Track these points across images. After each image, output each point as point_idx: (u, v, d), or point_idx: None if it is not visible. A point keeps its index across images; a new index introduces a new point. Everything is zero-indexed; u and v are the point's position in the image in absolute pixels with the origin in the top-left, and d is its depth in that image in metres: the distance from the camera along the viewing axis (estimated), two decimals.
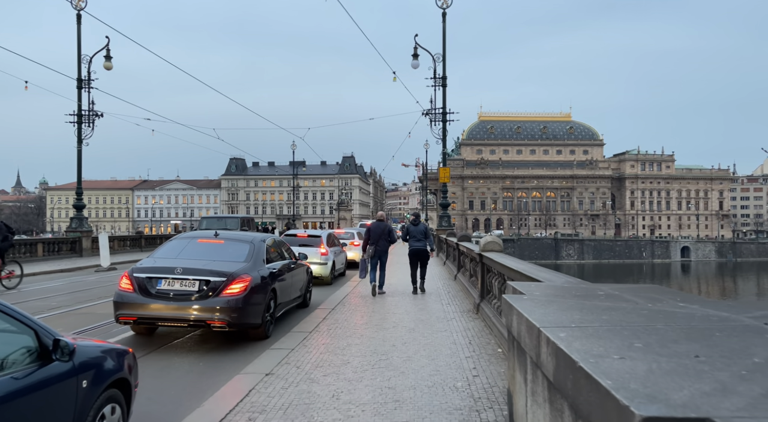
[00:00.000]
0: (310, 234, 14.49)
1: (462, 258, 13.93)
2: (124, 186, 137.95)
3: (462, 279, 13.01)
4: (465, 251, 12.60)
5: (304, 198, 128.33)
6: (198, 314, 6.42)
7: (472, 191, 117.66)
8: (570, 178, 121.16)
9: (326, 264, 13.66)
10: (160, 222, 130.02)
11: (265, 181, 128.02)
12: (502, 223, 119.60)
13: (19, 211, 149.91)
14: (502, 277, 7.17)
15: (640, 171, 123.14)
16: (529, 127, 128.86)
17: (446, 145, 20.82)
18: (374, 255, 11.33)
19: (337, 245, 15.39)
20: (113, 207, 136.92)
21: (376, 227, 11.38)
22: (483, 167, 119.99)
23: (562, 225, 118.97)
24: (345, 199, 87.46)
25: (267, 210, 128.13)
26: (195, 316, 6.42)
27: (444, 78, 19.91)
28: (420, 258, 11.69)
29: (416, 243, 11.63)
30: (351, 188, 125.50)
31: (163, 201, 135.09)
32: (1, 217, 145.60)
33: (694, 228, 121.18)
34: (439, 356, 5.91)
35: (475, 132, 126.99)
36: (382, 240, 11.33)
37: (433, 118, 20.51)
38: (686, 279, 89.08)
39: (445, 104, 20.21)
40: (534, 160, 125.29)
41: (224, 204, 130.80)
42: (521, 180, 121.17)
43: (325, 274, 13.67)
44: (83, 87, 19.49)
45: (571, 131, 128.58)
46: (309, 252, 12.80)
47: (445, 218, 23.15)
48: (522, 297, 3.03)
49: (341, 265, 15.61)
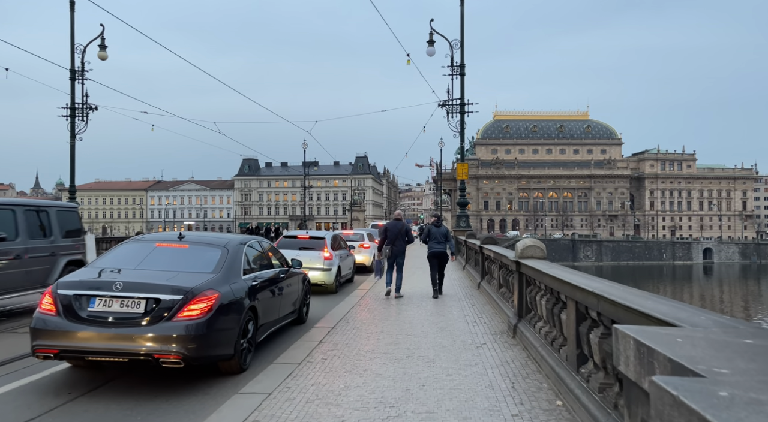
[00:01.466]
0: (312, 236, 13.18)
1: (487, 263, 12.13)
2: (138, 187, 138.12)
3: (488, 289, 11.26)
4: (492, 256, 10.98)
5: (317, 198, 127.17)
6: (143, 345, 4.73)
7: (487, 191, 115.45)
8: (587, 177, 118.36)
9: (330, 270, 12.25)
10: (173, 223, 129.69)
11: (278, 181, 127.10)
12: (518, 224, 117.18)
13: None
14: (554, 295, 5.36)
15: (659, 170, 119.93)
16: (546, 126, 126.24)
17: (464, 138, 19.04)
18: (390, 256, 10.87)
19: (344, 248, 14.07)
20: (127, 207, 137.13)
21: (393, 226, 10.93)
22: (498, 167, 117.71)
23: (580, 226, 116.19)
24: (358, 200, 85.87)
25: (280, 211, 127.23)
26: (138, 349, 4.73)
27: (462, 66, 18.14)
28: (440, 260, 11.20)
29: (437, 246, 11.11)
30: (364, 188, 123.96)
31: (176, 202, 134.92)
32: None
33: (716, 229, 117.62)
34: (472, 412, 4.17)
35: (491, 131, 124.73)
36: (399, 241, 10.88)
37: (450, 109, 18.74)
38: (708, 281, 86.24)
39: (463, 94, 18.45)
40: (550, 159, 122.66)
41: (237, 205, 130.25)
42: (537, 180, 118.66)
43: (329, 282, 12.27)
44: (76, 78, 18.08)
45: (589, 130, 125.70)
46: (311, 256, 11.85)
47: (463, 218, 21.26)
48: (699, 386, 1.31)
49: (348, 270, 14.24)
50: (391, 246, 10.86)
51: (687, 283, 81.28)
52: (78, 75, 18.13)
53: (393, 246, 10.86)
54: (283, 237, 13.55)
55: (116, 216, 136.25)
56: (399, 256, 10.96)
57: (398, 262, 10.98)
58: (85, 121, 18.95)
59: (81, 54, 17.95)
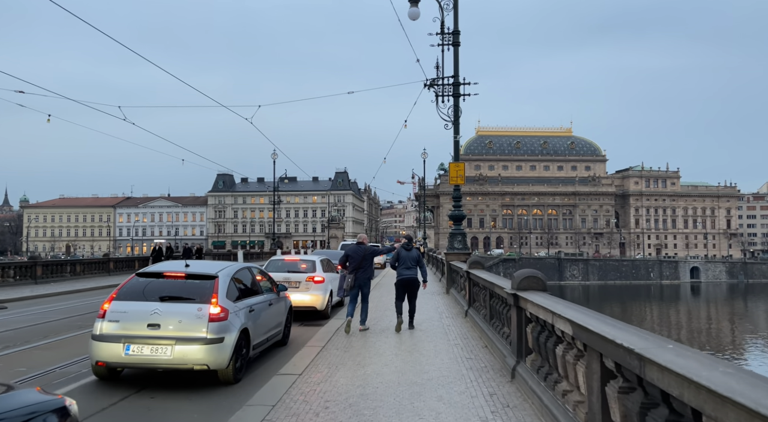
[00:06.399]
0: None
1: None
2: (105, 203, 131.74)
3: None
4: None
5: (294, 215, 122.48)
6: None
7: (471, 208, 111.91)
8: (572, 194, 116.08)
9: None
10: (142, 242, 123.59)
11: (254, 197, 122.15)
12: (502, 242, 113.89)
13: None
14: None
15: (644, 187, 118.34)
16: (529, 142, 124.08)
17: (458, 128, 14.93)
18: (353, 287, 9.69)
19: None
20: (94, 225, 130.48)
21: (354, 251, 9.74)
22: (481, 183, 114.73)
23: (565, 244, 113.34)
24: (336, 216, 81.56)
25: (256, 228, 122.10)
26: None
27: (456, 33, 14.16)
28: (410, 289, 9.91)
29: (406, 272, 9.85)
30: (344, 205, 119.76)
31: (146, 219, 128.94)
32: None
33: (702, 248, 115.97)
34: None
35: (473, 147, 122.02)
36: (363, 268, 9.69)
37: (439, 91, 14.73)
38: (697, 301, 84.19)
39: (457, 70, 14.38)
40: (534, 176, 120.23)
41: (211, 222, 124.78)
42: (521, 197, 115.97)
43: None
44: None
45: (573, 146, 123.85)
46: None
47: (457, 237, 15.80)
48: None
49: None
50: (354, 274, 9.61)
51: (675, 303, 79.48)
52: None
53: (356, 275, 9.61)
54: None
55: (82, 235, 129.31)
56: (364, 286, 9.74)
57: (363, 292, 9.78)
58: None
59: None
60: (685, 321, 61.31)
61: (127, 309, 6.03)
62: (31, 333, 9.79)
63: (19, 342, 8.81)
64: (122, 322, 5.97)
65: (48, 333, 9.57)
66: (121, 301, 6.13)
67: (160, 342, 5.87)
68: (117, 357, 5.86)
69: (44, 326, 10.59)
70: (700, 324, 59.13)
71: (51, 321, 11.31)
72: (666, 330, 53.69)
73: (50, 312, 12.95)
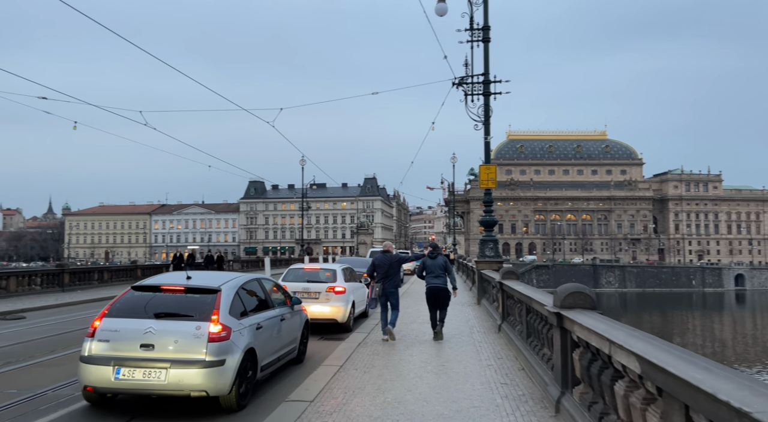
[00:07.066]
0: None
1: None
2: (142, 210, 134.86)
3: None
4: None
5: (324, 221, 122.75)
6: None
7: (502, 214, 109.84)
8: (607, 199, 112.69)
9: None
10: (176, 248, 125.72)
11: (284, 204, 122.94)
12: (535, 248, 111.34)
13: (39, 237, 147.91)
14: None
15: (684, 192, 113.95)
16: (562, 146, 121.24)
17: (489, 129, 14.02)
18: (381, 295, 9.65)
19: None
20: (131, 232, 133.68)
21: (381, 261, 9.62)
22: (513, 188, 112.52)
23: (600, 250, 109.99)
24: (365, 222, 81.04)
25: (286, 234, 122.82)
26: None
27: (486, 29, 13.27)
28: (439, 298, 9.66)
29: (434, 281, 9.65)
30: (373, 211, 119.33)
31: (180, 226, 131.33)
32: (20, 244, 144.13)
33: (746, 254, 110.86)
34: None
35: (504, 151, 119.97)
36: (390, 278, 9.61)
37: (468, 89, 13.86)
38: (742, 310, 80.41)
39: (487, 68, 13.49)
40: (567, 180, 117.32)
41: (243, 228, 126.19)
42: (554, 201, 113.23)
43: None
44: None
45: (607, 150, 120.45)
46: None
47: (489, 244, 14.76)
48: None
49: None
50: (381, 284, 9.54)
51: (719, 312, 76.05)
52: None
53: (383, 284, 9.54)
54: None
55: (120, 241, 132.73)
56: (391, 295, 9.58)
57: (391, 301, 9.59)
58: None
59: None
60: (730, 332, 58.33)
61: (119, 327, 5.43)
62: (40, 346, 9.39)
63: (23, 357, 8.38)
64: (113, 342, 5.37)
65: (56, 347, 9.13)
66: (112, 318, 5.53)
67: (153, 365, 5.24)
68: (106, 381, 5.26)
69: (57, 338, 10.19)
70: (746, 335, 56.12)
71: (65, 333, 10.93)
72: (710, 342, 51.00)
73: (68, 323, 12.62)
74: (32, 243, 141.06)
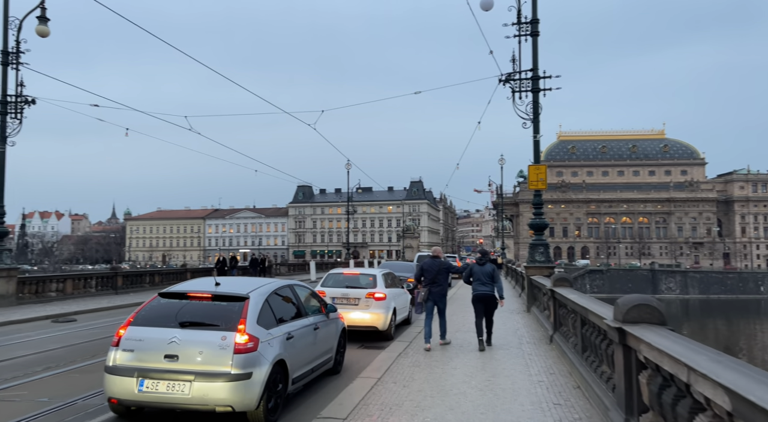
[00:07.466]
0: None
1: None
2: (196, 215, 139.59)
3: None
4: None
5: (370, 225, 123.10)
6: None
7: (553, 217, 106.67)
8: (666, 201, 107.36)
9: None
10: (229, 251, 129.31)
11: (332, 207, 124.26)
12: (588, 252, 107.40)
13: (103, 241, 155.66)
14: None
15: (751, 193, 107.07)
16: (616, 147, 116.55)
17: (538, 127, 13.24)
18: (428, 299, 9.48)
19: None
20: (186, 236, 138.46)
21: (430, 266, 9.50)
22: (564, 190, 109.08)
23: (659, 255, 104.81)
24: (411, 226, 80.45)
25: (333, 237, 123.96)
26: None
27: (535, 22, 12.55)
28: (486, 306, 9.53)
29: (481, 288, 9.50)
30: (419, 214, 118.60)
31: (232, 229, 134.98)
32: (86, 248, 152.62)
33: None
34: None
35: (555, 153, 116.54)
36: (438, 284, 9.44)
37: (516, 86, 13.16)
38: None
39: (536, 63, 12.76)
40: (622, 181, 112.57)
41: (291, 232, 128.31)
42: (608, 204, 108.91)
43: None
44: (10, 62, 14.19)
45: (666, 149, 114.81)
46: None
47: (539, 249, 14.08)
48: None
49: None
50: (429, 289, 9.35)
51: None
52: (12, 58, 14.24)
53: (430, 290, 9.35)
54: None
55: (176, 245, 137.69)
56: (438, 301, 9.45)
57: (439, 308, 9.51)
58: (19, 119, 14.92)
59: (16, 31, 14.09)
60: None
61: (144, 336, 5.21)
62: (83, 350, 9.45)
63: (64, 362, 8.41)
64: (137, 352, 5.14)
65: (98, 352, 9.15)
66: (137, 327, 5.32)
67: (177, 378, 4.97)
68: (130, 393, 5.03)
69: (100, 342, 10.26)
70: None
71: (109, 337, 10.98)
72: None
73: (114, 326, 12.66)
74: (97, 246, 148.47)
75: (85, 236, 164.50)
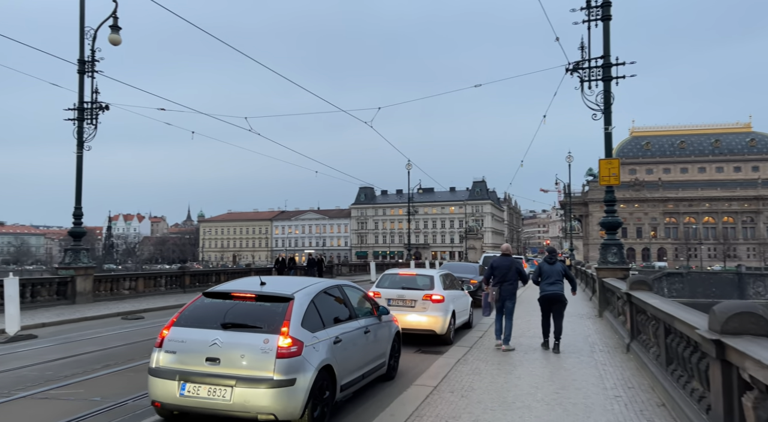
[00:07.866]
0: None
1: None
2: (264, 217, 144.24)
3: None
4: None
5: (432, 226, 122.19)
6: None
7: (625, 216, 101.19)
8: (754, 199, 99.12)
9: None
10: (294, 252, 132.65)
11: (393, 208, 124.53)
12: (665, 253, 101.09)
13: (179, 242, 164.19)
14: None
15: None
16: (696, 141, 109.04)
17: (610, 118, 12.26)
18: (498, 299, 9.22)
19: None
20: (254, 237, 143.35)
21: (500, 263, 9.26)
22: (638, 189, 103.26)
23: (746, 257, 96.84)
24: (474, 226, 78.96)
25: (395, 238, 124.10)
26: None
27: (606, 4, 11.53)
28: (554, 305, 9.04)
29: (550, 287, 9.02)
30: (482, 215, 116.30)
31: (298, 231, 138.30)
32: (164, 248, 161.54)
33: None
34: None
35: (627, 149, 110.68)
36: (509, 281, 9.18)
37: (585, 75, 12.21)
38: None
39: (607, 49, 11.75)
40: (704, 179, 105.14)
41: (354, 233, 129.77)
42: (688, 202, 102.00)
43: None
44: (86, 70, 14.90)
45: (753, 144, 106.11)
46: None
47: (612, 249, 13.13)
48: None
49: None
50: (499, 287, 9.17)
51: None
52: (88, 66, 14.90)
53: (501, 288, 9.17)
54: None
55: (245, 246, 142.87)
56: (508, 299, 9.20)
57: (507, 307, 9.19)
58: (95, 124, 15.61)
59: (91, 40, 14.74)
60: None
61: (186, 337, 5.02)
62: (143, 348, 9.59)
63: (123, 360, 8.53)
64: (179, 354, 4.97)
65: None
66: (180, 327, 5.14)
67: (218, 382, 4.74)
68: (172, 397, 4.86)
69: None
70: None
71: None
72: None
73: None
74: (173, 247, 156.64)
75: (163, 237, 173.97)
